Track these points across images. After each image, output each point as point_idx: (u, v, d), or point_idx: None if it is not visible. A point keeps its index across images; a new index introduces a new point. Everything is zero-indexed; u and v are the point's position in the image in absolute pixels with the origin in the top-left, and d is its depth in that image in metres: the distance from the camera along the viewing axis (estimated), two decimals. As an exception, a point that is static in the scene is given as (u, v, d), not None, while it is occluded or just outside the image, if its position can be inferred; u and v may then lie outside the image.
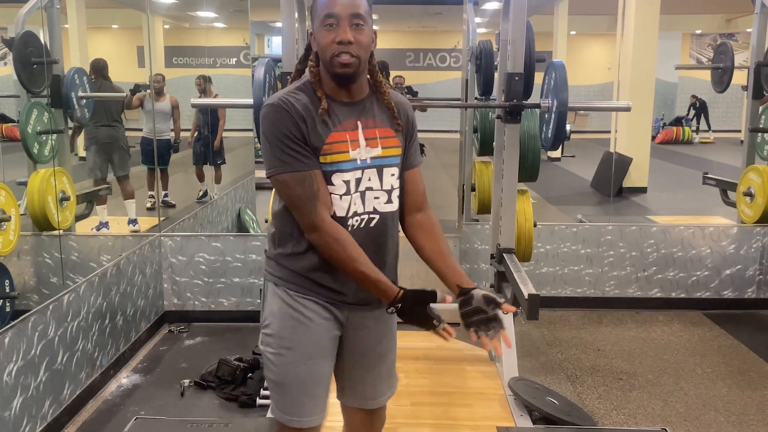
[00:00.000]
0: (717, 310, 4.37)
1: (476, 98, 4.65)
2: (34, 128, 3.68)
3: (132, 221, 5.25)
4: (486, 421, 2.85)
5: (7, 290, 3.26)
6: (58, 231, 3.67)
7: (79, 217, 4.15)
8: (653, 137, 11.32)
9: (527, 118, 3.58)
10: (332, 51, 1.56)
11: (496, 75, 3.87)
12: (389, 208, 1.68)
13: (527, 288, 2.87)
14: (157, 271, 4.05)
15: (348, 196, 1.62)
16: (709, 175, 5.21)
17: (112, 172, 5.19)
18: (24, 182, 3.60)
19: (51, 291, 3.50)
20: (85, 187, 4.72)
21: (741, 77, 4.93)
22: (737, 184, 4.67)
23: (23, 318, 2.64)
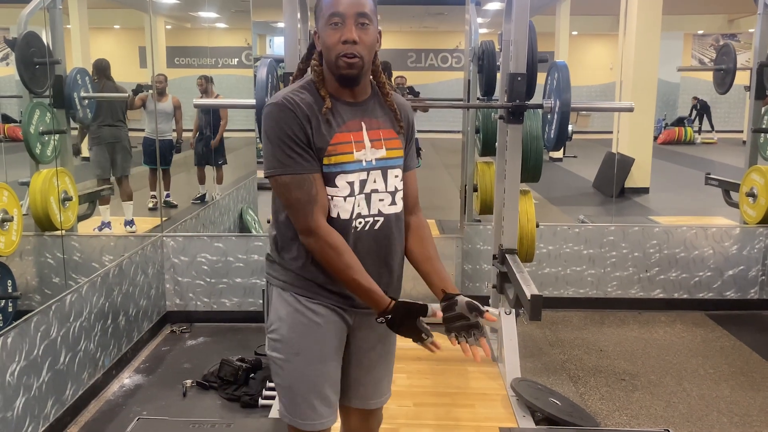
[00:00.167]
0: (719, 311, 4.36)
1: (478, 99, 4.65)
2: (37, 128, 3.68)
3: (128, 222, 5.24)
4: (488, 422, 2.84)
5: (10, 290, 3.25)
6: (60, 231, 3.67)
7: (81, 218, 4.15)
8: (655, 137, 11.31)
9: (530, 118, 3.58)
10: (337, 51, 1.54)
11: (498, 75, 3.86)
12: (393, 210, 1.67)
13: (530, 289, 2.87)
14: (159, 271, 4.05)
15: (352, 198, 1.60)
16: (711, 176, 5.20)
17: (113, 172, 5.19)
18: (26, 182, 3.59)
19: (53, 291, 3.50)
20: (88, 188, 4.72)
21: (743, 78, 4.92)
22: (740, 184, 4.67)
23: (26, 318, 2.64)
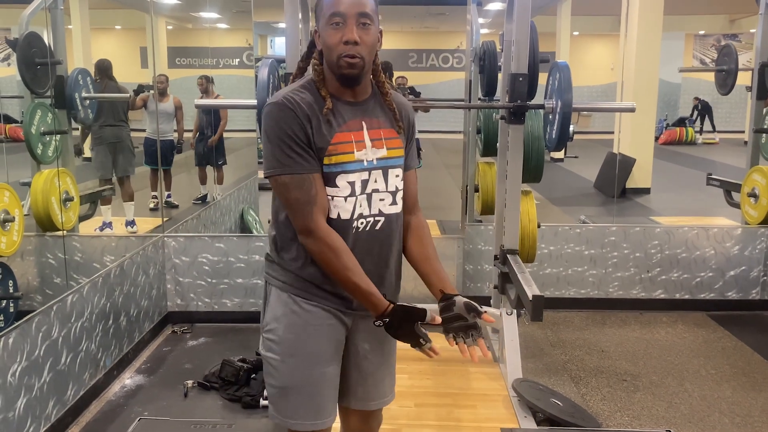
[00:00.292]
0: (721, 312, 4.36)
1: (480, 99, 4.65)
2: (38, 129, 3.68)
3: (129, 223, 5.24)
4: (490, 423, 2.84)
5: (11, 291, 3.25)
6: (61, 231, 3.67)
7: (82, 218, 4.15)
8: (656, 138, 11.32)
9: (531, 118, 3.57)
10: (338, 51, 1.53)
11: (499, 76, 3.86)
12: (394, 209, 1.66)
13: (531, 289, 2.87)
14: (160, 271, 4.05)
15: (353, 198, 1.59)
16: (713, 176, 5.19)
17: (114, 173, 5.19)
18: (28, 183, 3.59)
19: (55, 292, 3.49)
20: (89, 188, 4.72)
21: (745, 78, 4.91)
22: (741, 185, 4.66)
23: (27, 319, 2.64)
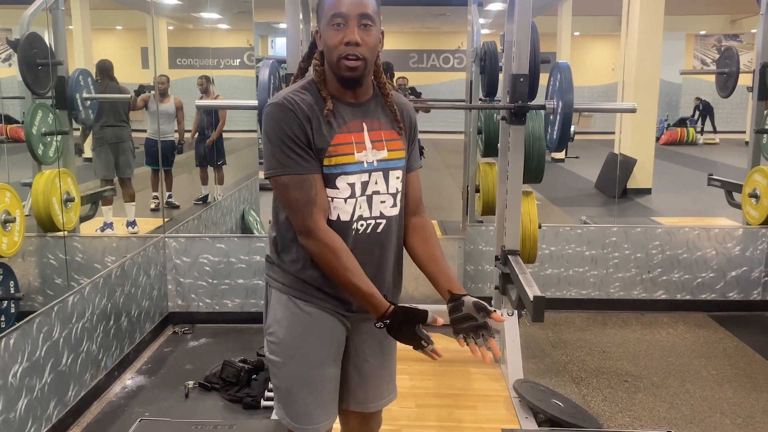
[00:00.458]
0: (722, 312, 4.35)
1: (480, 99, 4.65)
2: (39, 129, 3.68)
3: (130, 223, 5.25)
4: (491, 424, 2.84)
5: (12, 291, 3.25)
6: (62, 232, 3.67)
7: (83, 219, 4.15)
8: (657, 138, 11.30)
9: (532, 119, 3.57)
10: (339, 52, 1.53)
11: (500, 76, 3.86)
12: (394, 211, 1.66)
13: (532, 290, 2.86)
14: (161, 272, 4.05)
15: (353, 200, 1.59)
16: (714, 177, 5.19)
17: (115, 173, 5.20)
18: (29, 183, 3.60)
19: (55, 292, 3.49)
20: (90, 188, 4.72)
21: (746, 78, 4.90)
22: (742, 185, 4.65)
23: (28, 319, 2.64)
